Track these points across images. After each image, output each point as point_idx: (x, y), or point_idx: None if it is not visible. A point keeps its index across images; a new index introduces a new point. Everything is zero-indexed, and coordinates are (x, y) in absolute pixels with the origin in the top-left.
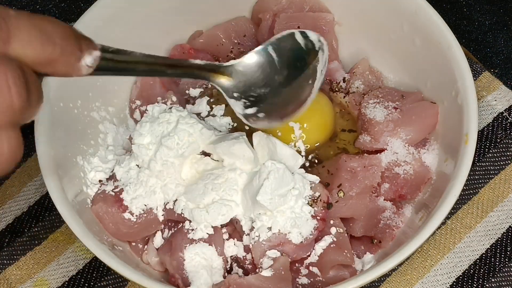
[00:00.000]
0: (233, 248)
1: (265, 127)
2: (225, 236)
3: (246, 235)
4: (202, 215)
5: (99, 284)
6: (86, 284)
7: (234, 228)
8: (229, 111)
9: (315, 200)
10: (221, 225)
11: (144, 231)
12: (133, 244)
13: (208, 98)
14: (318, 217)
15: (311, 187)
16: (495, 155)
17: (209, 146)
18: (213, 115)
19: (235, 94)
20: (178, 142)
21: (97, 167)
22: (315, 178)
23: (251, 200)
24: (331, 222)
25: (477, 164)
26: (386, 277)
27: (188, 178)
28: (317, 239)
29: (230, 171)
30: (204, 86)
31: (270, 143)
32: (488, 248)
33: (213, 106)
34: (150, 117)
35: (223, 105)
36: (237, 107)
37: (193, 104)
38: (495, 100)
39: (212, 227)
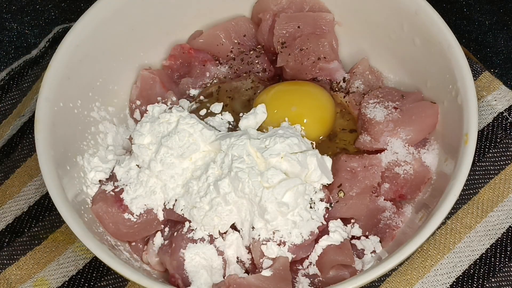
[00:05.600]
0: (233, 248)
1: None
2: (225, 236)
3: (246, 235)
4: (201, 216)
5: (99, 284)
6: (86, 284)
7: (234, 228)
8: (229, 109)
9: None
10: None
11: (144, 231)
12: (133, 244)
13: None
14: (318, 217)
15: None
16: (495, 155)
17: (215, 143)
18: (212, 114)
19: None
20: (179, 142)
21: (97, 167)
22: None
23: (252, 201)
24: (331, 222)
25: (477, 164)
26: (386, 277)
27: (188, 179)
28: (317, 239)
29: (230, 172)
30: (204, 86)
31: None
32: (488, 248)
33: (208, 104)
34: (150, 117)
35: (221, 103)
36: None
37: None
38: (495, 100)
39: None
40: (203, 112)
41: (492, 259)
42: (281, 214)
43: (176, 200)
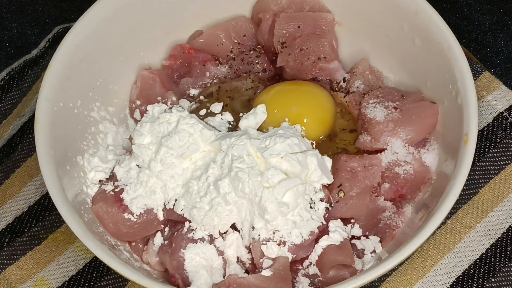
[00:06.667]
0: (233, 248)
1: None
2: (225, 236)
3: (246, 235)
4: (201, 216)
5: (99, 284)
6: (86, 284)
7: (234, 228)
8: (229, 109)
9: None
10: None
11: (144, 231)
12: (133, 244)
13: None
14: (318, 217)
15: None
16: (495, 155)
17: (215, 143)
18: (212, 114)
19: None
20: (179, 142)
21: (97, 167)
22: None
23: (252, 201)
24: (331, 222)
25: (477, 164)
26: (386, 277)
27: (188, 179)
28: (317, 239)
29: (230, 172)
30: (204, 86)
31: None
32: (488, 248)
33: (208, 104)
34: (150, 117)
35: (221, 103)
36: None
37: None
38: (495, 100)
39: None
40: (203, 112)
41: (492, 259)
42: (281, 214)
43: (176, 200)
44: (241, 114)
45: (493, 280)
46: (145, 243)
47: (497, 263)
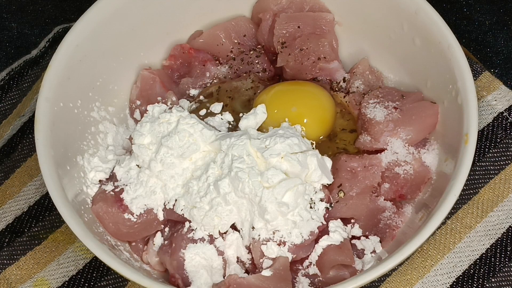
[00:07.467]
0: (233, 248)
1: None
2: (225, 236)
3: (246, 235)
4: (201, 216)
5: (99, 284)
6: (86, 284)
7: (234, 228)
8: (229, 109)
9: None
10: None
11: (144, 231)
12: (133, 244)
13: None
14: (318, 217)
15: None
16: (495, 155)
17: (215, 143)
18: (212, 114)
19: None
20: (179, 142)
21: (97, 167)
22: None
23: (253, 201)
24: (331, 222)
25: (477, 164)
26: (386, 277)
27: (188, 179)
28: (317, 239)
29: (231, 172)
30: (204, 86)
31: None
32: (488, 248)
33: (208, 104)
34: (150, 117)
35: (221, 103)
36: None
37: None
38: (495, 100)
39: None
40: (203, 112)
41: (492, 259)
42: (281, 214)
43: (176, 200)
44: (241, 114)
45: (493, 280)
46: (145, 243)
47: (497, 263)
